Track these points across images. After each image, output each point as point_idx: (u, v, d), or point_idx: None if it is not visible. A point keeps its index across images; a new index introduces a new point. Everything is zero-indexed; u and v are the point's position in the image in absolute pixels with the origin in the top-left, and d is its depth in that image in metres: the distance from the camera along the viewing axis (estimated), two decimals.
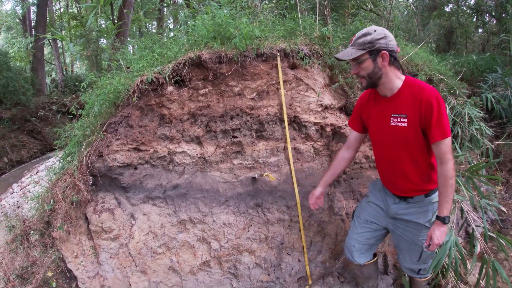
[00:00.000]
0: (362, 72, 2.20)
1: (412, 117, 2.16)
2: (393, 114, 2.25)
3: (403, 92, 2.21)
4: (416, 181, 2.34)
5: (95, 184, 3.20)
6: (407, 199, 2.44)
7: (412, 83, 2.19)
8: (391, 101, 2.27)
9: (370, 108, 2.44)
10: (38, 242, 3.23)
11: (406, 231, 2.52)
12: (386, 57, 2.13)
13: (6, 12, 20.84)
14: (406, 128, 2.20)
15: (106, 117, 3.22)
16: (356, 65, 2.21)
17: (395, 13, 5.72)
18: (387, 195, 2.58)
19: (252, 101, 3.30)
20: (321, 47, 3.54)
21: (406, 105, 2.18)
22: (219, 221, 3.31)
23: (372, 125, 2.45)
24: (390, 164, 2.40)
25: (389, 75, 2.20)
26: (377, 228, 2.72)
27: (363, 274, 2.93)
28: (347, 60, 2.24)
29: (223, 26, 3.25)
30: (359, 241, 2.76)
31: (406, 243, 2.57)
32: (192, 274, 3.29)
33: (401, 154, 2.30)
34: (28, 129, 10.27)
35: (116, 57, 3.76)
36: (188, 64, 3.15)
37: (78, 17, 18.51)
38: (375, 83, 2.24)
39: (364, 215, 2.76)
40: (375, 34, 2.12)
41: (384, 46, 2.12)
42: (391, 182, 2.48)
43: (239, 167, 3.37)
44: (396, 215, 2.53)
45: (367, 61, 2.15)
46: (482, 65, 5.86)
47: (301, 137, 3.45)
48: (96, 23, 12.46)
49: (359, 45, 2.14)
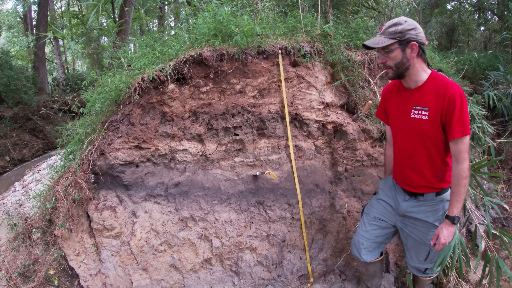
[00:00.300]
0: (390, 62, 2.19)
1: (434, 111, 2.15)
2: (414, 106, 2.24)
3: (427, 85, 2.20)
4: (429, 177, 2.33)
5: (96, 182, 3.20)
6: (418, 197, 2.42)
7: (437, 78, 2.18)
8: (414, 93, 2.26)
9: (393, 99, 2.44)
10: (40, 240, 3.24)
11: (415, 230, 2.50)
12: (416, 48, 2.12)
13: (7, 11, 20.84)
14: (426, 121, 2.19)
15: (108, 115, 3.22)
16: (384, 54, 2.19)
17: (396, 11, 5.71)
18: (398, 192, 2.57)
19: (254, 99, 3.30)
20: (323, 44, 3.53)
21: (429, 99, 2.17)
22: (220, 218, 3.31)
23: (393, 115, 2.45)
24: (405, 156, 2.39)
25: (416, 67, 2.19)
26: (386, 226, 2.71)
27: (368, 272, 2.93)
28: (376, 48, 2.20)
29: (224, 24, 3.25)
30: (368, 239, 2.75)
31: (414, 242, 2.56)
32: (194, 271, 3.30)
33: (417, 147, 2.30)
34: (29, 128, 10.28)
35: (118, 55, 3.76)
36: (190, 62, 3.14)
37: (79, 16, 18.50)
38: (402, 74, 2.22)
39: (373, 213, 2.75)
40: (405, 24, 2.11)
41: (414, 37, 2.11)
42: (404, 176, 2.46)
43: (241, 164, 3.37)
44: (405, 213, 2.51)
45: (396, 51, 2.14)
46: (484, 63, 5.85)
47: (302, 135, 3.45)
48: (97, 21, 12.45)
49: (389, 34, 2.13)
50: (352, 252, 2.90)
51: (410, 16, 8.02)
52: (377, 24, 5.62)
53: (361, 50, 3.68)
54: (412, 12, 8.13)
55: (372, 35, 4.03)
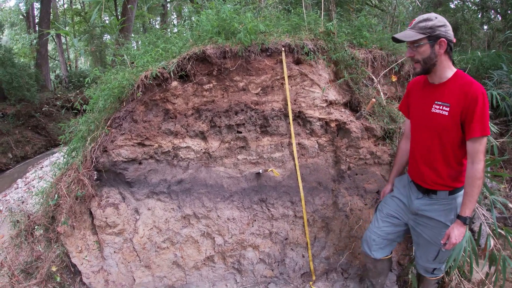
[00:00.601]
0: (418, 56, 2.21)
1: (455, 108, 2.17)
2: (436, 101, 2.27)
3: (451, 82, 2.22)
4: (443, 174, 2.34)
5: (99, 179, 3.21)
6: (431, 194, 2.43)
7: (462, 76, 2.21)
8: (437, 88, 2.29)
9: (417, 93, 2.47)
10: (43, 237, 3.24)
11: (426, 229, 2.51)
12: (444, 44, 2.15)
13: (9, 8, 20.87)
14: (446, 116, 2.21)
15: (111, 112, 3.22)
16: (413, 48, 2.22)
17: (400, 9, 5.70)
18: (412, 190, 2.58)
19: (257, 96, 3.29)
20: (326, 42, 3.51)
21: (451, 95, 2.20)
22: (223, 216, 3.31)
23: (414, 109, 2.48)
24: (421, 151, 2.41)
25: (443, 63, 2.22)
26: (398, 223, 2.72)
27: (376, 269, 2.93)
28: (406, 41, 2.24)
29: (227, 21, 3.24)
30: (379, 235, 2.77)
31: (424, 241, 2.57)
32: (196, 269, 3.30)
33: (434, 142, 2.32)
34: (32, 125, 10.31)
35: (120, 52, 3.76)
36: (193, 59, 3.14)
37: (81, 13, 18.50)
38: (429, 69, 2.24)
39: (387, 209, 2.76)
40: (436, 20, 2.14)
41: (443, 34, 2.14)
42: (418, 171, 2.47)
43: (244, 162, 3.37)
44: (418, 211, 2.52)
45: (425, 46, 2.16)
46: (487, 62, 5.82)
47: (305, 133, 3.44)
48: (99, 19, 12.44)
49: (420, 28, 2.16)
50: (362, 248, 2.90)
51: (413, 15, 8.00)
52: (380, 22, 5.60)
53: (364, 48, 3.67)
54: (416, 11, 8.11)
55: (376, 33, 4.02)
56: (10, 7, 20.92)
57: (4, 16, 20.38)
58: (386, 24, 5.43)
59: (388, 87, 3.76)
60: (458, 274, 3.07)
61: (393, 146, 3.45)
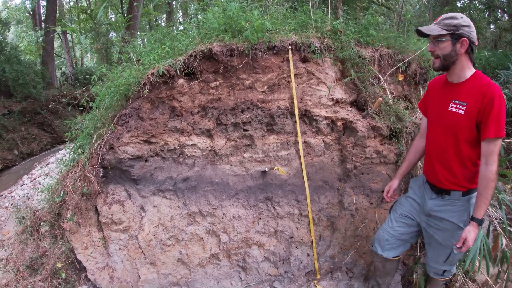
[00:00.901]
0: (438, 52, 2.23)
1: (471, 108, 2.18)
2: (453, 100, 2.28)
3: (469, 82, 2.23)
4: (457, 174, 2.34)
5: (105, 176, 3.22)
6: (444, 195, 2.43)
7: (480, 77, 2.22)
8: (455, 87, 2.30)
9: (436, 92, 2.48)
10: (48, 233, 3.26)
11: (438, 231, 2.51)
12: (466, 44, 2.16)
13: (16, 6, 20.99)
14: (461, 115, 2.22)
15: (117, 109, 3.23)
16: (435, 43, 2.24)
17: (407, 8, 5.66)
18: (426, 191, 2.58)
19: (263, 94, 3.28)
20: (333, 40, 3.50)
21: (469, 95, 2.20)
22: (228, 214, 3.31)
23: (432, 107, 2.48)
24: (437, 149, 2.42)
25: (462, 63, 2.23)
26: (412, 224, 2.72)
27: (384, 268, 2.93)
28: (429, 34, 2.25)
29: (234, 19, 3.23)
30: (392, 235, 2.77)
31: (436, 243, 2.56)
32: (201, 266, 3.31)
33: (449, 141, 2.32)
34: (38, 122, 10.35)
35: (127, 50, 3.76)
36: (199, 57, 3.14)
37: (87, 11, 18.58)
38: (448, 66, 2.26)
39: (401, 210, 2.76)
40: (461, 20, 2.16)
41: (466, 34, 2.15)
42: (432, 169, 2.47)
43: (250, 160, 3.37)
44: (431, 212, 2.51)
45: (446, 42, 2.19)
46: (494, 61, 5.79)
47: (311, 131, 3.43)
48: (106, 16, 12.47)
49: (444, 25, 2.18)
50: (373, 247, 2.90)
51: (420, 14, 7.96)
52: (387, 21, 5.57)
53: (371, 46, 3.65)
54: (422, 9, 8.06)
55: (382, 32, 4.00)
56: (16, 5, 21.06)
57: (11, 14, 20.51)
58: (393, 22, 5.40)
59: (395, 86, 3.74)
60: (462, 274, 3.05)
61: (399, 145, 3.44)
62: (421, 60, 3.83)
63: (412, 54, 3.71)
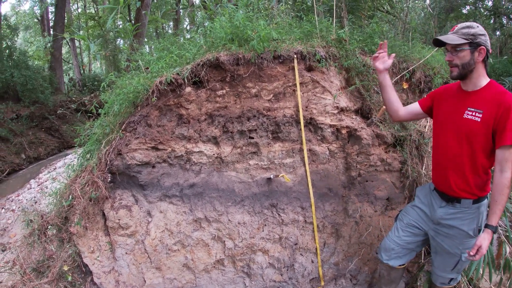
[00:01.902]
0: (457, 61, 2.24)
1: (487, 115, 2.19)
2: (469, 108, 2.28)
3: (485, 90, 2.25)
4: (470, 181, 2.33)
5: (113, 181, 3.26)
6: (454, 203, 2.43)
7: (495, 86, 2.25)
8: (470, 95, 2.31)
9: (446, 97, 2.48)
10: (55, 237, 3.29)
11: (447, 238, 2.50)
12: (484, 52, 2.20)
13: (24, 11, 21.26)
14: (478, 123, 2.23)
15: (125, 116, 3.27)
16: (453, 53, 2.25)
17: (412, 15, 5.69)
18: (434, 199, 2.58)
19: (269, 103, 3.33)
20: (338, 49, 3.54)
21: (485, 103, 2.22)
22: (234, 220, 3.34)
23: (442, 114, 2.47)
24: (449, 156, 2.40)
25: (479, 71, 2.25)
26: (418, 233, 2.72)
27: (390, 276, 2.94)
28: (448, 44, 2.25)
29: (240, 28, 3.28)
30: (399, 244, 2.77)
31: (443, 251, 2.56)
32: (206, 272, 3.34)
33: (463, 148, 2.31)
34: (45, 127, 10.46)
35: (135, 57, 3.82)
36: (206, 66, 3.19)
37: (95, 18, 18.78)
38: (466, 75, 2.27)
39: (407, 219, 2.76)
40: (478, 29, 2.20)
41: (484, 42, 2.19)
42: (443, 176, 2.46)
43: (255, 167, 3.40)
44: (440, 220, 2.51)
45: (465, 51, 2.20)
46: (499, 68, 5.80)
47: (316, 139, 3.46)
48: (114, 24, 12.63)
49: (462, 34, 2.20)
50: (379, 256, 2.90)
51: (425, 21, 7.98)
52: (392, 29, 5.61)
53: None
54: (428, 17, 8.08)
55: (388, 39, 4.03)
56: (25, 11, 21.33)
57: (19, 19, 20.77)
58: (397, 30, 5.44)
59: (399, 94, 3.76)
60: (467, 282, 3.05)
61: (404, 153, 3.46)
62: (426, 68, 3.87)
63: (416, 62, 3.74)
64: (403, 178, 3.52)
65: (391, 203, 3.53)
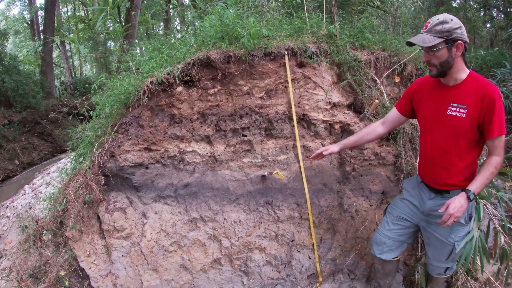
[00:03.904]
0: (435, 60, 2.17)
1: (472, 110, 2.16)
2: (452, 103, 2.25)
3: (466, 84, 2.21)
4: (458, 175, 2.33)
5: (107, 184, 3.24)
6: (444, 194, 2.43)
7: (476, 78, 2.20)
8: (452, 90, 2.26)
9: (425, 94, 2.43)
10: (51, 242, 3.27)
11: (439, 228, 2.49)
12: (461, 47, 2.12)
13: (14, 16, 21.09)
14: (463, 119, 2.20)
15: (117, 117, 3.25)
16: (430, 52, 2.17)
17: (402, 10, 5.71)
18: (423, 191, 2.58)
19: (261, 100, 3.32)
20: (329, 45, 3.54)
21: (468, 97, 2.18)
22: (229, 219, 3.34)
23: (425, 110, 2.44)
24: (436, 153, 2.38)
25: (458, 65, 2.19)
26: (409, 226, 2.72)
27: (384, 270, 2.94)
28: (423, 46, 2.17)
29: (230, 26, 3.27)
30: (390, 238, 2.77)
31: (437, 241, 2.56)
32: (203, 271, 3.33)
33: (450, 144, 2.30)
34: (38, 132, 10.39)
35: (125, 58, 3.80)
36: (197, 65, 3.17)
37: (85, 20, 18.67)
38: (445, 72, 2.21)
39: (397, 212, 2.76)
40: (452, 23, 2.10)
41: (460, 36, 2.10)
42: (431, 172, 2.45)
43: (249, 165, 3.40)
44: (431, 211, 2.51)
45: (442, 50, 2.12)
46: (490, 60, 5.82)
47: (310, 135, 3.46)
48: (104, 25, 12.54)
49: (437, 32, 2.11)
50: (372, 250, 2.91)
51: (416, 15, 8.01)
52: (382, 23, 5.62)
53: (367, 49, 3.69)
54: (418, 11, 8.11)
55: (378, 34, 4.04)
56: (14, 15, 21.14)
57: (9, 24, 20.60)
58: (388, 25, 5.45)
59: (391, 88, 3.78)
60: (464, 273, 3.07)
61: (397, 146, 3.47)
62: (417, 62, 3.87)
63: (407, 56, 3.74)
64: (398, 172, 3.52)
65: (386, 196, 3.54)
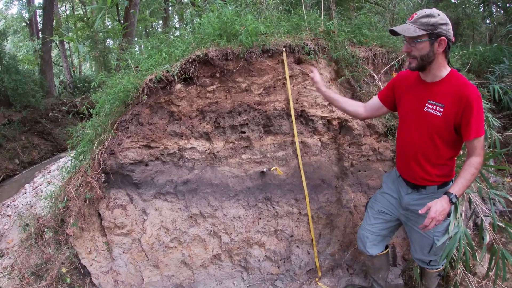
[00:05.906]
0: (415, 52, 2.14)
1: (449, 109, 2.15)
2: (429, 101, 2.23)
3: (445, 82, 2.18)
4: (433, 172, 2.33)
5: (107, 181, 3.26)
6: (420, 189, 2.43)
7: (457, 77, 2.17)
8: (431, 87, 2.24)
9: (406, 88, 2.41)
10: (52, 240, 3.29)
11: (417, 223, 2.49)
12: (444, 43, 2.09)
13: (12, 16, 21.03)
14: (439, 117, 2.19)
15: (117, 115, 3.27)
16: (411, 43, 2.14)
17: (400, 6, 5.69)
18: (401, 186, 2.58)
19: (259, 97, 3.34)
20: (327, 41, 3.55)
21: (446, 96, 2.16)
22: (229, 215, 3.36)
23: (404, 105, 2.43)
24: (412, 149, 2.37)
25: (439, 62, 2.16)
26: (390, 219, 2.74)
27: (374, 265, 2.96)
28: (405, 36, 2.13)
29: (228, 24, 3.28)
30: (373, 232, 2.79)
31: (417, 235, 2.58)
32: (204, 267, 3.35)
33: (425, 141, 2.29)
34: (38, 131, 10.37)
35: (124, 57, 3.81)
36: (196, 62, 3.19)
37: (84, 19, 18.62)
38: (424, 66, 2.18)
39: (378, 206, 2.77)
40: (438, 18, 2.06)
41: (444, 32, 2.07)
42: (407, 167, 2.45)
43: (248, 161, 3.42)
44: (408, 206, 2.53)
45: (424, 43, 2.09)
46: (489, 56, 5.81)
47: (308, 131, 3.48)
48: (102, 24, 12.55)
49: (421, 24, 2.07)
50: (358, 246, 2.94)
51: (414, 11, 7.99)
52: (381, 20, 5.62)
53: (365, 46, 3.71)
54: (416, 7, 8.10)
55: (376, 31, 4.05)
56: (13, 15, 21.07)
57: (8, 24, 20.53)
58: (386, 21, 5.45)
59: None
60: (462, 267, 3.09)
61: (395, 142, 3.49)
62: None
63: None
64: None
65: None
